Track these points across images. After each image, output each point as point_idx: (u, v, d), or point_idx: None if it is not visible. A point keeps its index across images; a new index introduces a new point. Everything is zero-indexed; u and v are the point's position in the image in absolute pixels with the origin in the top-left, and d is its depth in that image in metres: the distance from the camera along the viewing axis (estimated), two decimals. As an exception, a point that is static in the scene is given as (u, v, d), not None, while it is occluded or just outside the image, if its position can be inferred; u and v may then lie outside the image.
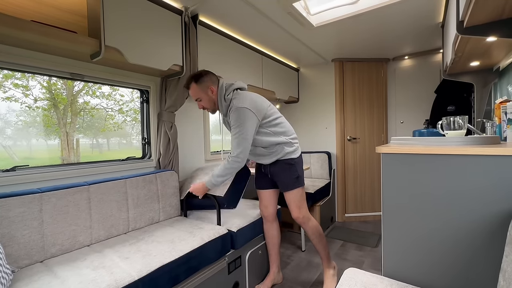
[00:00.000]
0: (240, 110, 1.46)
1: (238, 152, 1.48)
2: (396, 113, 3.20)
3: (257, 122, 1.51)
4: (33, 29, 1.15)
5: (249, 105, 1.48)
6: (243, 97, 1.52)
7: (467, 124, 1.07)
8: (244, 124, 1.46)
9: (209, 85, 1.55)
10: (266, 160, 1.64)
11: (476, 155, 0.84)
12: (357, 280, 0.96)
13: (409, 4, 1.86)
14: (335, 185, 3.18)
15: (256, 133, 1.54)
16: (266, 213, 1.77)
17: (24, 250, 1.17)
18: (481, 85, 1.92)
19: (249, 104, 1.48)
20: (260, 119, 1.52)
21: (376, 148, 1.05)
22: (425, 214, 0.94)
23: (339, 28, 2.27)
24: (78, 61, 1.52)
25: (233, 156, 1.50)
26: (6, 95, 1.41)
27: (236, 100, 1.50)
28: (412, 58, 3.06)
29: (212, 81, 1.57)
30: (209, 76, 1.57)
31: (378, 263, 2.13)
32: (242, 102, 1.48)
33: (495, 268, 0.82)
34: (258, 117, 1.51)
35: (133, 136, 2.07)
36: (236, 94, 1.55)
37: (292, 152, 1.61)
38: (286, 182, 1.63)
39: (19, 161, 1.45)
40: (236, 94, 1.55)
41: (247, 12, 1.92)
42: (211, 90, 1.55)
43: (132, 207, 1.59)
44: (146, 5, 1.61)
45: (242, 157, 1.50)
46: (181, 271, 1.26)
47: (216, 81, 1.58)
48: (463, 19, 1.13)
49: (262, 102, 1.57)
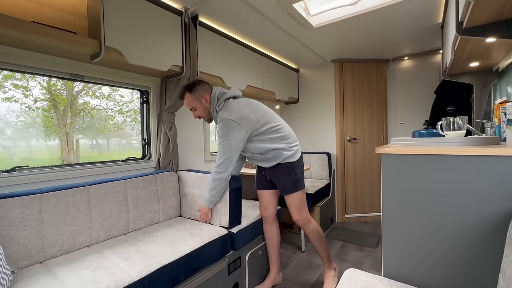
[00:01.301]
0: (226, 122, 1.46)
1: (219, 162, 1.51)
2: (396, 114, 3.21)
3: (245, 133, 1.49)
4: (33, 30, 1.15)
5: (236, 117, 1.46)
6: (231, 109, 1.50)
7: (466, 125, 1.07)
8: (228, 136, 1.46)
9: (203, 94, 1.56)
10: (265, 164, 1.65)
11: (475, 155, 0.84)
12: (357, 280, 0.96)
13: (409, 5, 1.86)
14: (335, 185, 3.18)
15: (250, 141, 1.55)
16: (266, 213, 1.77)
17: (23, 250, 1.17)
18: (481, 86, 1.93)
19: (236, 116, 1.47)
20: (249, 130, 1.50)
21: (376, 148, 1.05)
22: (425, 214, 0.94)
23: (339, 29, 2.28)
24: (78, 61, 1.53)
25: (216, 166, 1.54)
26: (6, 96, 1.41)
27: (223, 112, 1.50)
28: (412, 59, 3.07)
29: (206, 89, 1.58)
30: (203, 85, 1.58)
31: (378, 263, 2.13)
32: (229, 114, 1.47)
33: (495, 268, 0.82)
34: (247, 129, 1.49)
35: (133, 137, 2.07)
36: (227, 105, 1.54)
37: (291, 156, 1.60)
38: (285, 185, 1.63)
39: (19, 161, 1.45)
40: (226, 104, 1.55)
41: (247, 13, 1.93)
42: (205, 99, 1.57)
43: (132, 207, 1.59)
44: (146, 6, 1.62)
45: (223, 168, 1.51)
46: (181, 272, 1.26)
47: (209, 90, 1.59)
48: (463, 20, 1.14)
49: (254, 112, 1.53)
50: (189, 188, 1.84)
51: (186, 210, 1.85)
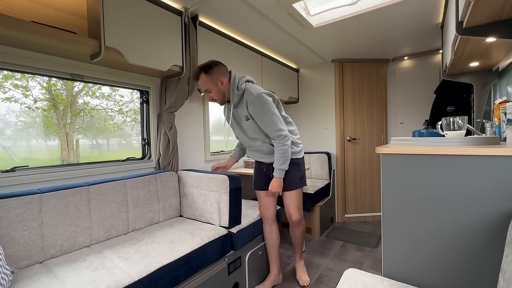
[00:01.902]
0: (260, 97, 1.49)
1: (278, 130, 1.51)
2: (396, 114, 3.21)
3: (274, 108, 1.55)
4: (33, 29, 1.15)
5: (265, 93, 1.52)
6: (257, 88, 1.55)
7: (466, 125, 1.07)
8: (267, 108, 1.49)
9: (219, 76, 1.54)
10: (272, 158, 1.63)
11: (475, 155, 0.84)
12: (357, 280, 0.96)
13: (409, 4, 1.86)
14: (335, 185, 3.18)
15: None
16: (267, 214, 1.76)
17: (23, 251, 1.17)
18: (481, 86, 1.93)
19: (265, 92, 1.53)
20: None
21: (376, 148, 1.05)
22: (425, 214, 0.94)
23: (338, 29, 2.28)
24: (78, 61, 1.53)
25: (276, 136, 1.52)
26: (6, 96, 1.41)
27: (253, 89, 1.52)
28: (412, 59, 3.07)
29: (222, 72, 1.55)
30: (219, 67, 1.55)
31: (378, 263, 2.13)
32: (259, 90, 1.52)
33: (495, 268, 0.82)
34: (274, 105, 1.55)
35: (133, 137, 2.07)
36: (249, 85, 1.57)
37: (297, 152, 1.66)
38: (291, 181, 1.66)
39: (18, 161, 1.45)
40: (248, 85, 1.57)
41: (247, 12, 1.93)
42: (221, 82, 1.54)
43: (132, 207, 1.59)
44: (146, 6, 1.62)
45: (284, 132, 1.53)
46: (181, 272, 1.26)
47: (226, 72, 1.57)
48: (463, 19, 1.14)
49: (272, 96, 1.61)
50: (189, 188, 1.84)
51: (186, 210, 1.85)
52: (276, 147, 1.55)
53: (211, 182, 1.70)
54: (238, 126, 1.65)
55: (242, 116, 1.58)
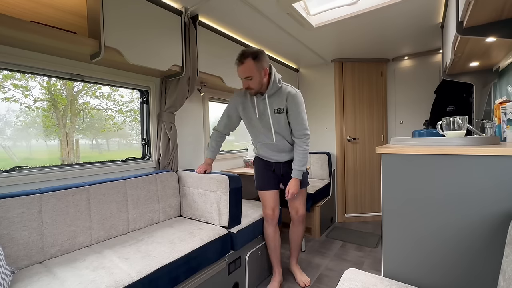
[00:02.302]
0: (300, 95, 1.62)
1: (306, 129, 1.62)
2: (396, 114, 3.21)
3: None
4: (33, 29, 1.15)
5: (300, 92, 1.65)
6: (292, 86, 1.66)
7: (466, 125, 1.07)
8: (304, 108, 1.63)
9: (265, 66, 1.53)
10: (286, 157, 1.70)
11: (476, 155, 0.84)
12: (357, 280, 0.96)
13: (409, 4, 1.86)
14: (335, 185, 3.18)
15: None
16: (274, 215, 1.75)
17: (23, 251, 1.17)
18: (481, 86, 1.93)
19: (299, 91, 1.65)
20: None
21: (376, 148, 1.05)
22: (425, 214, 0.94)
23: (338, 29, 2.28)
24: (78, 61, 1.52)
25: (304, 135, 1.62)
26: (6, 96, 1.41)
27: (289, 88, 1.62)
28: (412, 59, 3.06)
29: (267, 62, 1.56)
30: (266, 57, 1.55)
31: (378, 263, 2.13)
32: (295, 89, 1.63)
33: (495, 268, 0.82)
34: None
35: (133, 137, 2.07)
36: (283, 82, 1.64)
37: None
38: (303, 179, 1.72)
39: (18, 161, 1.45)
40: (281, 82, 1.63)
41: (246, 12, 1.92)
42: (265, 71, 1.53)
43: (132, 207, 1.59)
44: (146, 5, 1.61)
45: (309, 133, 1.65)
46: (181, 272, 1.26)
47: (268, 64, 1.57)
48: (463, 19, 1.13)
49: None
50: (189, 188, 1.84)
51: (186, 210, 1.85)
52: (299, 145, 1.62)
53: (211, 182, 1.70)
54: (262, 118, 1.64)
55: (273, 109, 1.60)
